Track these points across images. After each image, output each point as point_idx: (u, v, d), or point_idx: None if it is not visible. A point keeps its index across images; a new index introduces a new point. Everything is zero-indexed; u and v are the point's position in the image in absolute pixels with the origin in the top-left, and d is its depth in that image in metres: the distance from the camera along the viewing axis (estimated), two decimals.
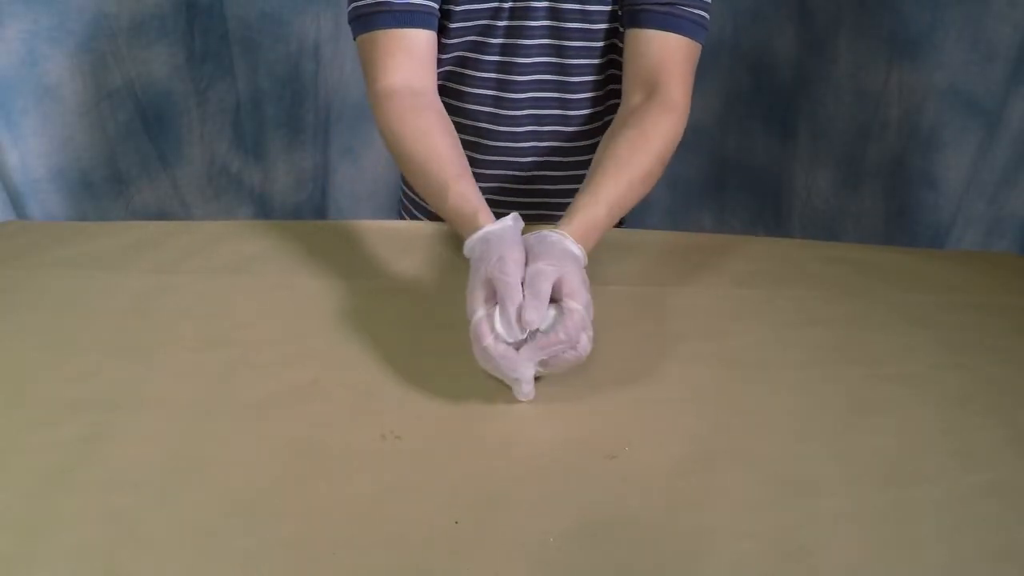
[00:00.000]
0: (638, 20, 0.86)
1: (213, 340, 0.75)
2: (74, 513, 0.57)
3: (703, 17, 0.86)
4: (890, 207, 1.27)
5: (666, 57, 0.85)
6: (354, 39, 0.87)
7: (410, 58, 0.85)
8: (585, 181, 0.80)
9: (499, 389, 0.68)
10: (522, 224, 0.72)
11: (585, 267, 0.71)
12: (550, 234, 0.71)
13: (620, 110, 0.89)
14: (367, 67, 0.86)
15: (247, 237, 0.91)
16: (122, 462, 0.61)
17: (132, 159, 1.33)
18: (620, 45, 0.91)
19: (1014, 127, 1.08)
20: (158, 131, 1.34)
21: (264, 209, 1.51)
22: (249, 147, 1.44)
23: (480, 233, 0.70)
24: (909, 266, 0.91)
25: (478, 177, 0.96)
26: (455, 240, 0.89)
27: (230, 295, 0.81)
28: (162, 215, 1.40)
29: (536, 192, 1.02)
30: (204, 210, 1.44)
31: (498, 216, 0.74)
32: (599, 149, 0.83)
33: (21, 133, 1.20)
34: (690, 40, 0.86)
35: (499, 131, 0.97)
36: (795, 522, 0.57)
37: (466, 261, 0.71)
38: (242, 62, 1.36)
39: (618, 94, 0.97)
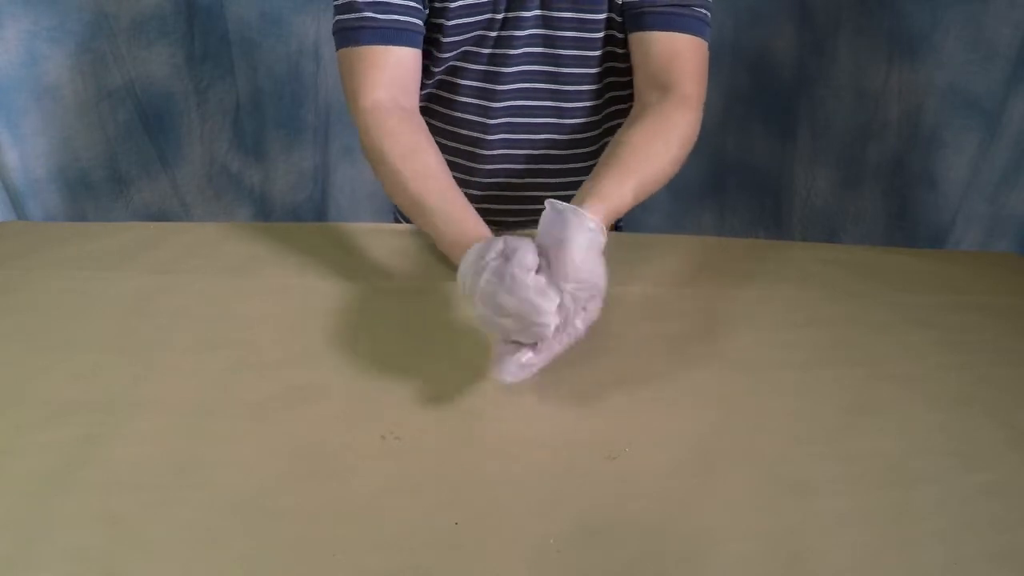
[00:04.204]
0: (641, 23, 0.86)
1: (213, 341, 0.75)
2: (73, 514, 0.57)
3: (705, 15, 0.86)
4: (890, 207, 1.27)
5: (674, 56, 0.85)
6: (336, 51, 0.86)
7: (394, 75, 0.84)
8: (598, 166, 0.78)
9: (499, 389, 0.68)
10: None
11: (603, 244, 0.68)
12: (564, 206, 0.67)
13: (634, 109, 0.88)
14: (348, 82, 0.84)
15: (247, 238, 0.91)
16: (121, 463, 0.61)
17: (132, 159, 1.33)
18: (619, 52, 0.91)
19: (1014, 127, 1.07)
20: (158, 131, 1.34)
21: (264, 209, 1.50)
22: (249, 147, 1.44)
23: (474, 249, 0.67)
24: (909, 266, 0.91)
25: (472, 185, 0.95)
26: None
27: (230, 296, 0.81)
28: (162, 215, 1.40)
29: (531, 199, 1.01)
30: (204, 210, 1.44)
31: (490, 223, 0.74)
32: (613, 139, 0.82)
33: (21, 133, 1.20)
34: (696, 38, 0.86)
35: (490, 139, 0.96)
36: (795, 523, 0.57)
37: None
38: (242, 62, 1.36)
39: (617, 101, 0.97)
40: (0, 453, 0.62)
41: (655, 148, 0.80)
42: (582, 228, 0.65)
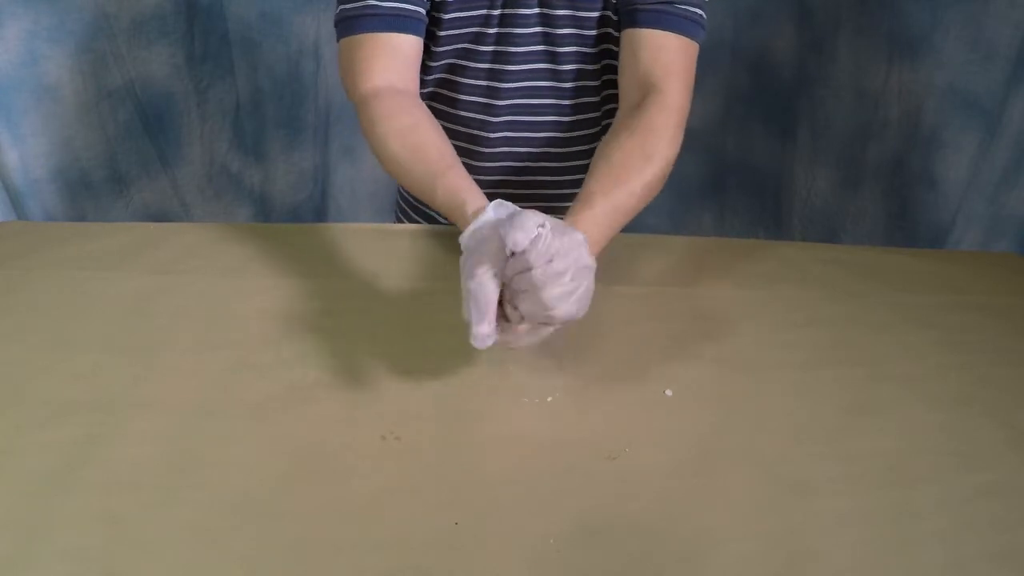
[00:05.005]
0: (633, 20, 0.85)
1: (212, 341, 0.75)
2: (73, 514, 0.57)
3: (699, 15, 0.84)
4: (890, 207, 1.27)
5: (661, 56, 0.83)
6: (337, 42, 0.85)
7: (395, 61, 0.83)
8: (580, 192, 0.76)
9: (499, 388, 0.68)
10: (509, 207, 0.69)
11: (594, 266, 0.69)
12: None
13: (618, 112, 0.87)
14: (349, 70, 0.84)
15: (246, 238, 0.91)
16: (121, 463, 0.61)
17: (132, 159, 1.33)
18: (615, 50, 0.91)
19: (1014, 127, 1.08)
20: (158, 131, 1.34)
21: (264, 209, 1.51)
22: (249, 147, 1.44)
23: (469, 230, 0.67)
24: (909, 266, 0.91)
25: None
26: (453, 241, 0.89)
27: (230, 296, 0.81)
28: (162, 215, 1.40)
29: (533, 196, 1.01)
30: (204, 210, 1.44)
31: None
32: (595, 156, 0.80)
33: (21, 133, 1.20)
34: (686, 38, 0.84)
35: (491, 137, 0.96)
36: (795, 523, 0.57)
37: None
38: (242, 62, 1.36)
39: (614, 99, 0.96)
40: (0, 453, 0.62)
41: (633, 167, 0.77)
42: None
